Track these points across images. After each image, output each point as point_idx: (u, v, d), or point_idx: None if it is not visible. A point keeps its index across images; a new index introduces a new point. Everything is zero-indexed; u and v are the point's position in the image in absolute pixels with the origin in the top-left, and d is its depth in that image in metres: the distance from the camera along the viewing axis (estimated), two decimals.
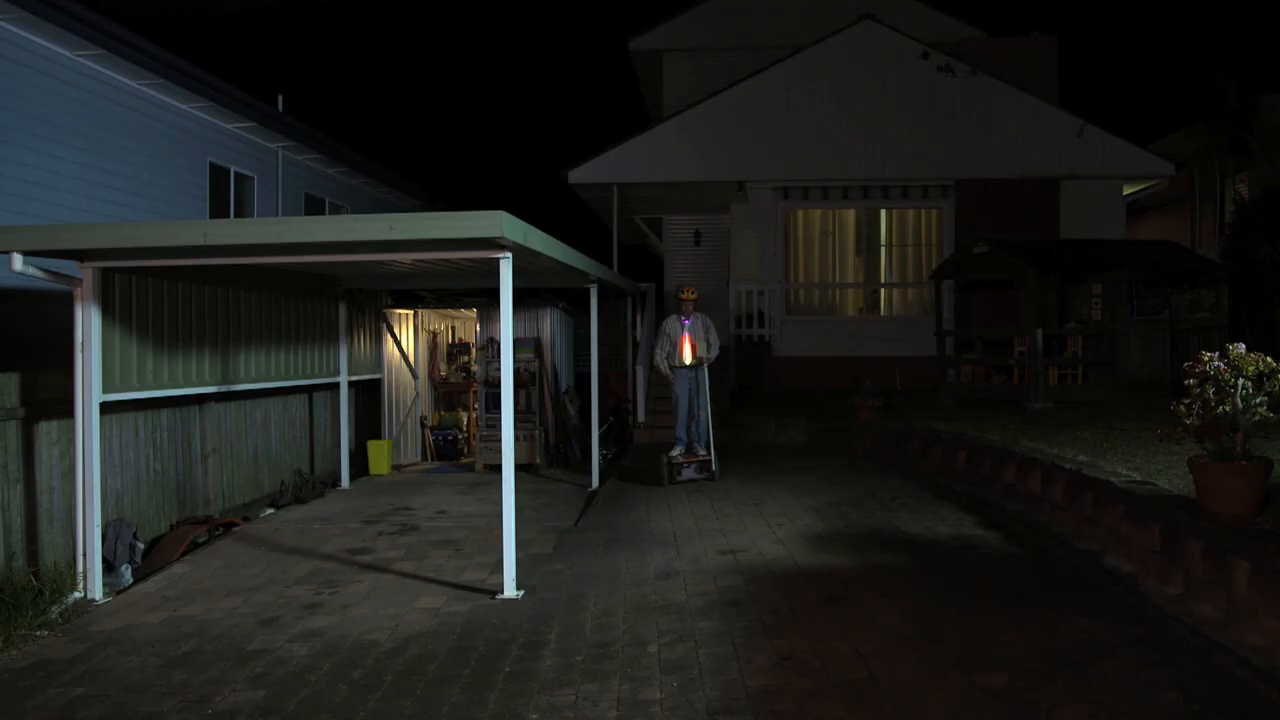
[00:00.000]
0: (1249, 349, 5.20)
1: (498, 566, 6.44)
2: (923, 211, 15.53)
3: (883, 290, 15.88)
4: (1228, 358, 5.16)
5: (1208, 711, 3.93)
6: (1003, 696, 4.18)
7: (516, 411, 11.40)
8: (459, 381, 13.82)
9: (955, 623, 5.15)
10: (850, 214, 15.64)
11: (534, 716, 4.26)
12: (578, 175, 15.01)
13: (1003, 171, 14.69)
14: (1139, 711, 3.97)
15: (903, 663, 4.64)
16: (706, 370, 10.11)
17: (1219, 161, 17.21)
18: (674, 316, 10.31)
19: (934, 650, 4.77)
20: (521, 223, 5.97)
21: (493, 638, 5.36)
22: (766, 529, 7.59)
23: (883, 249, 15.78)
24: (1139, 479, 6.26)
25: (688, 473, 9.79)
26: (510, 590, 6.18)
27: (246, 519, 9.00)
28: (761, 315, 15.09)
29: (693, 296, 10.22)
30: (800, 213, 15.59)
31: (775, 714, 4.14)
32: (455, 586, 6.46)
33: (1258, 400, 5.07)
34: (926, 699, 4.21)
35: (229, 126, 13.09)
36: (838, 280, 15.86)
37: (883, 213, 15.65)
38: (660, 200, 16.93)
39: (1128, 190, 15.56)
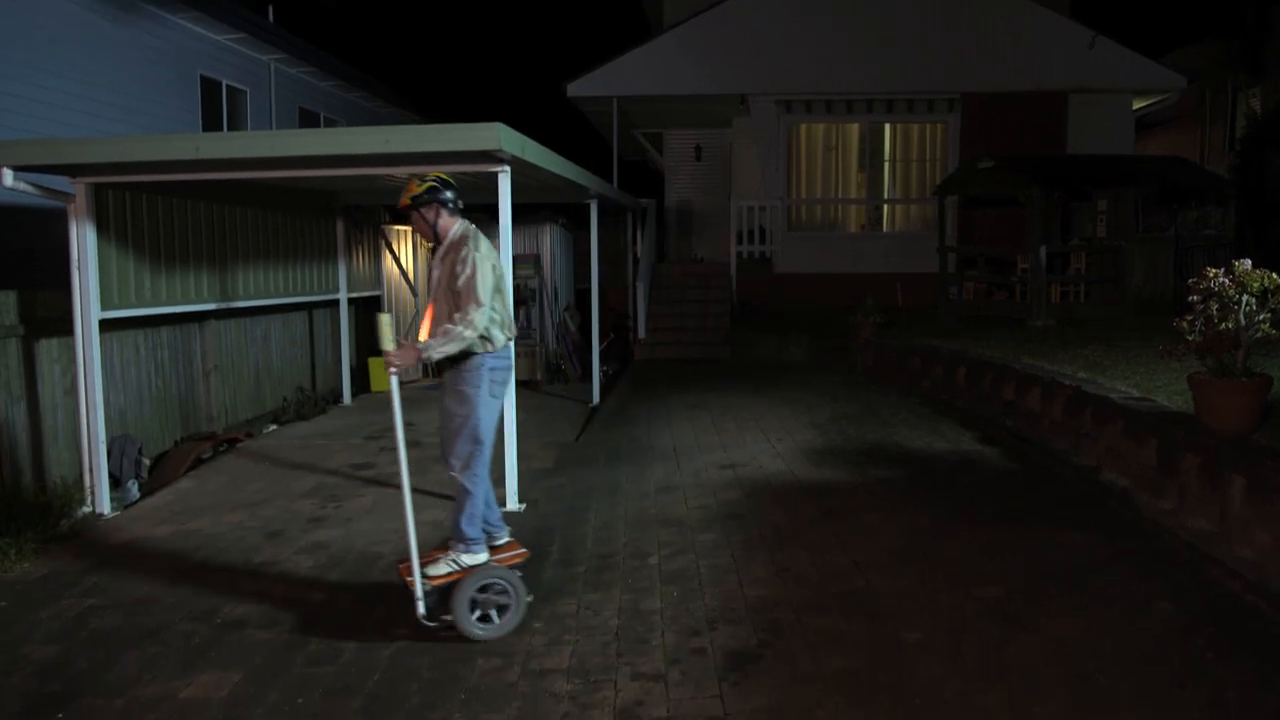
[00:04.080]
0: (1255, 266, 5.14)
1: (499, 480, 6.50)
2: (927, 126, 15.26)
3: (885, 206, 15.70)
4: (1233, 274, 5.11)
5: (1199, 623, 4.00)
6: (997, 607, 4.26)
7: (517, 328, 11.38)
8: None
9: (952, 536, 5.23)
10: (853, 128, 15.37)
11: (538, 625, 4.34)
12: (576, 88, 14.72)
13: (1010, 85, 14.38)
14: (1131, 623, 4.05)
15: (899, 575, 4.72)
16: (469, 368, 4.47)
17: (1231, 76, 16.84)
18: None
19: (930, 563, 4.85)
20: (519, 135, 5.87)
21: None
22: (766, 444, 7.65)
23: (886, 164, 15.55)
24: (1138, 395, 6.27)
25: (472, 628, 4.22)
26: (512, 503, 6.27)
27: (250, 435, 9.06)
28: (763, 231, 14.97)
29: (416, 191, 4.48)
30: (803, 127, 15.32)
31: (773, 623, 4.22)
32: None
33: (1261, 317, 5.03)
34: (922, 610, 4.29)
35: (219, 38, 12.76)
36: (840, 196, 15.67)
37: (886, 127, 15.39)
38: (660, 114, 16.63)
39: (1137, 105, 15.27)
